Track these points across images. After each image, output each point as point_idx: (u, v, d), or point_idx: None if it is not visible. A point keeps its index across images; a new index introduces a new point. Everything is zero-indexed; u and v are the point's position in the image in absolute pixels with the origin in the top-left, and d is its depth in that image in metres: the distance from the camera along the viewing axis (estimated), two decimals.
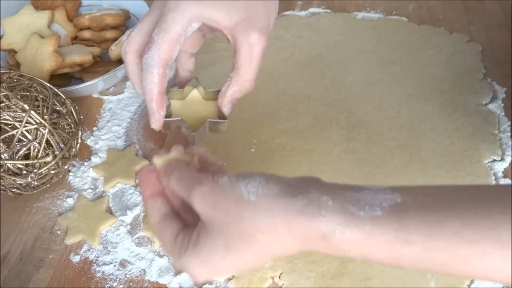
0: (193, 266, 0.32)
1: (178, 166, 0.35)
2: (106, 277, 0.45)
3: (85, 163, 0.54)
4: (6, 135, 0.46)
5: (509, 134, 0.54)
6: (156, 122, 0.41)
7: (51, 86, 0.51)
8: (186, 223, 0.35)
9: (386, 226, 0.28)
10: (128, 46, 0.41)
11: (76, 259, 0.46)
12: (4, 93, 0.46)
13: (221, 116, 0.43)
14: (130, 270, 0.45)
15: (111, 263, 0.46)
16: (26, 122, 0.46)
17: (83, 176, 0.53)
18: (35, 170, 0.47)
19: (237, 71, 0.40)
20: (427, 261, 0.28)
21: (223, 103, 0.42)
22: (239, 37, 0.39)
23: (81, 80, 0.63)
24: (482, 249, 0.27)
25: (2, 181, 0.47)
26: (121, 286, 0.44)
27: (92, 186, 0.52)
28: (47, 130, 0.47)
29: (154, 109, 0.40)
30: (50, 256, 0.47)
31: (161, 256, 0.46)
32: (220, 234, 0.31)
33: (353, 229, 0.28)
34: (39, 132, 0.47)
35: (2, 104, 0.46)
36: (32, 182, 0.48)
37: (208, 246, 0.32)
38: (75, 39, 0.67)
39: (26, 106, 0.46)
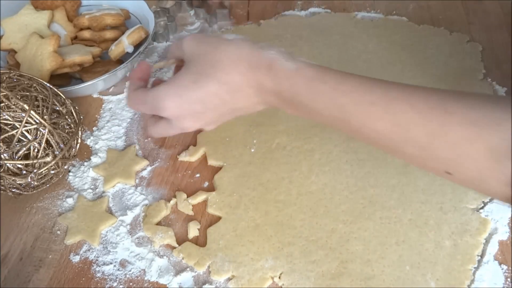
0: (165, 94, 0.40)
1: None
2: (106, 277, 0.45)
3: (85, 163, 0.54)
4: (6, 135, 0.46)
5: None
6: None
7: (51, 86, 0.51)
8: None
9: (313, 68, 0.38)
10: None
11: (76, 259, 0.46)
12: (4, 93, 0.46)
13: None
14: (130, 270, 0.45)
15: (111, 263, 0.46)
16: (26, 122, 0.46)
17: (83, 176, 0.53)
18: (35, 170, 0.47)
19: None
20: (333, 102, 0.37)
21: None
22: None
23: (81, 80, 0.63)
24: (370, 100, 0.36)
25: (2, 181, 0.47)
26: (121, 286, 0.44)
27: (92, 186, 0.52)
28: (47, 130, 0.47)
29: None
30: (50, 256, 0.47)
31: (161, 256, 0.46)
32: (196, 63, 0.40)
33: (290, 62, 0.38)
34: (39, 132, 0.47)
35: (2, 104, 0.46)
36: (32, 182, 0.48)
37: (183, 74, 0.40)
38: (75, 39, 0.67)
39: (26, 106, 0.46)
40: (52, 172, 0.49)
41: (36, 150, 0.47)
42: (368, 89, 0.37)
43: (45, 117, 0.47)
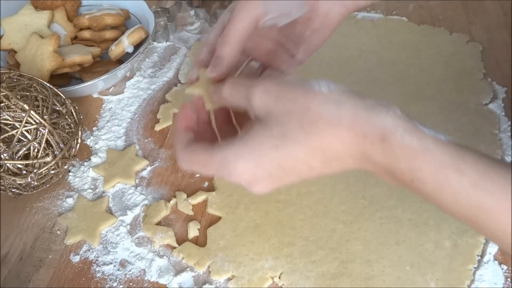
0: (237, 158, 0.31)
1: (229, 78, 0.35)
2: (106, 277, 0.45)
3: (85, 163, 0.54)
4: (6, 135, 0.46)
5: (509, 134, 0.54)
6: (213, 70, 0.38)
7: (51, 86, 0.51)
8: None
9: (445, 149, 0.29)
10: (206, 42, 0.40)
11: (76, 259, 0.46)
12: (4, 93, 0.46)
13: None
14: (130, 270, 0.45)
15: (111, 263, 0.46)
16: (26, 122, 0.46)
17: (83, 176, 0.53)
18: (35, 170, 0.47)
19: (313, 33, 0.42)
20: (470, 199, 0.28)
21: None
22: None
23: (81, 80, 0.63)
24: None
25: (2, 181, 0.47)
26: (121, 286, 0.44)
27: (92, 186, 0.52)
28: (47, 130, 0.47)
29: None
30: (50, 256, 0.47)
31: (161, 256, 0.46)
32: (278, 124, 0.31)
33: (413, 137, 0.29)
34: (39, 132, 0.47)
35: (2, 104, 0.46)
36: (32, 182, 0.48)
37: (261, 135, 0.31)
38: (75, 39, 0.67)
39: (26, 106, 0.46)
40: (52, 172, 0.49)
41: (36, 150, 0.47)
42: None
43: (45, 117, 0.47)
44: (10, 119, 0.46)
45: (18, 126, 0.46)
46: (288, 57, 0.43)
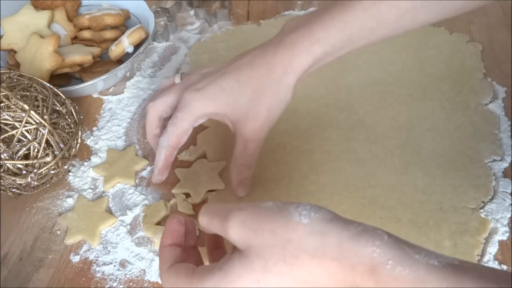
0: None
1: (202, 207, 0.35)
2: (106, 277, 0.45)
3: (85, 163, 0.54)
4: (6, 135, 0.46)
5: (509, 134, 0.54)
6: (156, 180, 0.49)
7: (51, 86, 0.51)
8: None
9: (441, 277, 0.26)
10: (152, 108, 0.48)
11: (76, 259, 0.46)
12: (4, 93, 0.46)
13: None
14: (130, 270, 0.45)
15: (111, 263, 0.46)
16: (26, 122, 0.46)
17: (83, 176, 0.53)
18: (35, 170, 0.47)
19: (234, 158, 0.47)
20: None
21: (235, 188, 0.48)
22: (237, 132, 0.46)
23: (81, 80, 0.63)
24: None
25: (2, 181, 0.47)
26: (121, 286, 0.44)
27: (92, 186, 0.52)
28: (47, 130, 0.47)
29: (156, 171, 0.48)
30: (50, 256, 0.47)
31: None
32: (258, 257, 0.29)
33: (406, 268, 0.27)
34: (39, 132, 0.47)
35: (2, 104, 0.46)
36: (32, 182, 0.48)
37: (240, 269, 0.30)
38: (75, 39, 0.67)
39: (26, 106, 0.46)
40: (52, 172, 0.49)
41: (36, 150, 0.47)
42: None
43: (45, 117, 0.47)
44: (10, 119, 0.46)
45: (18, 126, 0.46)
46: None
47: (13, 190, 0.48)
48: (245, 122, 0.45)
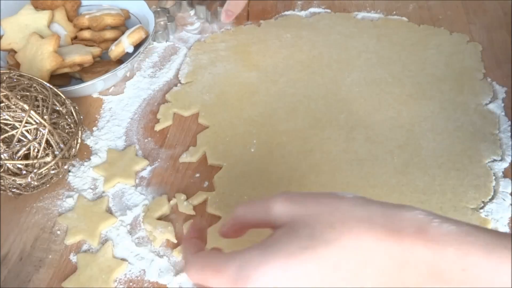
0: (261, 261, 0.28)
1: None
2: None
3: (85, 163, 0.54)
4: (6, 135, 0.46)
5: (509, 134, 0.54)
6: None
7: (51, 86, 0.51)
8: None
9: (486, 231, 0.28)
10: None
11: (76, 259, 0.46)
12: (4, 93, 0.46)
13: None
14: (130, 270, 0.45)
15: None
16: (26, 122, 0.46)
17: (83, 176, 0.53)
18: (35, 170, 0.47)
19: None
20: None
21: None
22: None
23: (81, 80, 0.63)
24: None
25: (2, 181, 0.47)
26: (121, 286, 0.44)
27: (92, 186, 0.52)
28: (47, 130, 0.47)
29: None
30: (50, 256, 0.47)
31: (161, 256, 0.46)
32: (304, 225, 0.29)
33: (451, 224, 0.28)
34: (39, 132, 0.47)
35: (2, 104, 0.46)
36: (32, 182, 0.48)
37: (286, 238, 0.29)
38: (75, 39, 0.67)
39: (26, 106, 0.46)
40: (52, 172, 0.49)
41: (36, 150, 0.47)
42: None
43: (45, 117, 0.47)
44: (10, 119, 0.46)
45: (18, 126, 0.46)
46: None
47: (13, 190, 0.48)
48: None
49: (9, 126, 0.46)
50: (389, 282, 0.28)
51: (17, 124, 0.46)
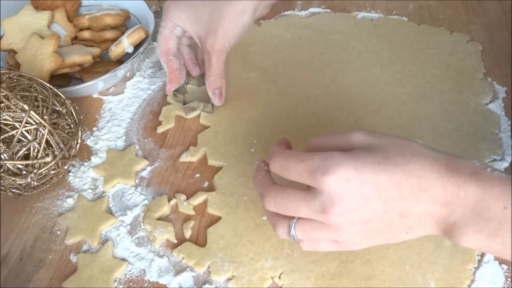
0: (341, 160, 0.34)
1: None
2: None
3: (85, 163, 0.54)
4: (6, 135, 0.46)
5: (510, 133, 0.54)
6: (167, 90, 0.59)
7: (51, 86, 0.51)
8: None
9: None
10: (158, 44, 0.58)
11: (76, 259, 0.46)
12: (4, 93, 0.46)
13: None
14: (130, 270, 0.45)
15: None
16: (26, 123, 0.46)
17: (83, 176, 0.53)
18: (35, 171, 0.47)
19: (205, 71, 0.56)
20: None
21: (211, 97, 0.57)
22: (202, 47, 0.55)
23: (81, 80, 0.63)
24: None
25: (2, 181, 0.47)
26: (121, 286, 0.44)
27: (92, 186, 0.52)
28: (46, 130, 0.47)
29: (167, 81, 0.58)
30: (50, 256, 0.47)
31: (161, 256, 0.46)
32: (380, 149, 0.35)
33: (501, 172, 0.34)
34: (38, 133, 0.47)
35: (2, 105, 0.46)
36: (32, 183, 0.48)
37: (364, 153, 0.35)
38: (75, 39, 0.67)
39: (26, 107, 0.46)
40: (52, 172, 0.49)
41: (36, 150, 0.47)
42: None
43: (45, 117, 0.47)
44: (10, 119, 0.46)
45: (18, 126, 0.46)
46: None
47: (13, 190, 0.48)
48: (205, 37, 0.53)
49: (9, 127, 0.46)
50: (439, 211, 0.34)
51: (17, 124, 0.46)
